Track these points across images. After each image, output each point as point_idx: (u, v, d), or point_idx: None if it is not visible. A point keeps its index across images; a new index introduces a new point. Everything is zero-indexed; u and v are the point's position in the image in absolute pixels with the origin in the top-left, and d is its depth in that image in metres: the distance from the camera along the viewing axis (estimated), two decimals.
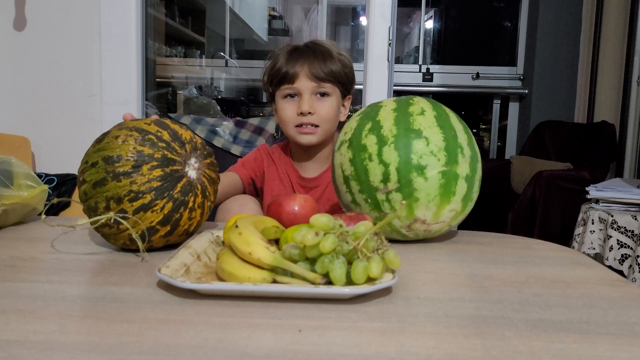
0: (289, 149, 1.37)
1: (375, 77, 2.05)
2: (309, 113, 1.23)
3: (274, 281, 0.63)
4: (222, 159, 2.55)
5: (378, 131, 0.87)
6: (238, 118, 2.71)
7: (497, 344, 0.50)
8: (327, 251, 0.60)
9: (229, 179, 1.28)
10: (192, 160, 0.82)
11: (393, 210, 0.85)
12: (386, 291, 0.64)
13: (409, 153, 0.84)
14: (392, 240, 0.91)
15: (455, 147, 0.87)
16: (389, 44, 2.04)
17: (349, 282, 0.61)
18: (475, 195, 0.90)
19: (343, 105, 1.31)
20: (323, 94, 1.25)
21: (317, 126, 1.24)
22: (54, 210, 1.77)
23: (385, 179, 0.85)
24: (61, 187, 1.90)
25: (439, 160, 0.85)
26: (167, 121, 0.84)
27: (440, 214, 0.86)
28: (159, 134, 0.80)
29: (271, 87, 1.29)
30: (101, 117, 2.10)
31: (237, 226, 0.67)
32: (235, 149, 2.52)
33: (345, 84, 1.29)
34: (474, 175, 0.89)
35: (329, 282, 0.61)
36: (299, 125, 1.25)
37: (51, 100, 2.12)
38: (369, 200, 0.87)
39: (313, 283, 0.61)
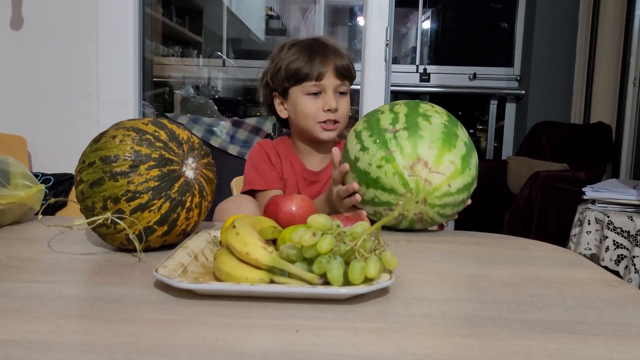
0: (290, 143, 1.37)
1: (373, 77, 2.05)
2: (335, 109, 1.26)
3: (272, 281, 0.63)
4: (219, 158, 2.55)
5: (392, 106, 1.00)
6: (235, 118, 2.71)
7: (494, 345, 0.50)
8: (325, 251, 0.60)
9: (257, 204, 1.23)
10: (190, 160, 0.82)
11: (399, 147, 0.90)
12: (383, 291, 0.64)
13: (417, 109, 0.97)
14: (387, 229, 0.92)
15: (456, 123, 0.98)
16: (386, 45, 2.04)
17: (346, 282, 0.61)
18: (474, 170, 0.95)
19: None
20: (342, 92, 1.28)
21: (337, 122, 1.27)
22: (50, 209, 1.77)
23: (394, 122, 0.95)
24: (58, 187, 1.89)
25: (442, 117, 0.97)
26: (165, 121, 0.84)
27: (441, 160, 0.89)
28: (156, 133, 0.80)
29: (287, 83, 1.28)
30: (98, 117, 2.10)
31: (234, 226, 0.67)
32: (233, 149, 2.53)
33: (352, 82, 1.32)
34: (471, 150, 0.97)
35: (326, 283, 0.61)
36: (322, 122, 1.26)
37: (48, 99, 2.12)
38: (377, 141, 0.93)
39: (310, 283, 0.61)
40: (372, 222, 0.68)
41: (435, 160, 0.89)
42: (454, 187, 0.91)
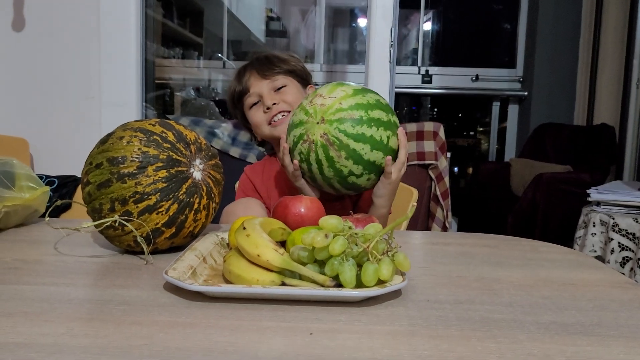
0: (275, 159, 1.35)
1: (377, 79, 2.04)
2: (274, 104, 1.25)
3: (283, 284, 0.62)
4: (221, 161, 2.54)
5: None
6: (236, 120, 2.69)
7: (511, 347, 0.49)
8: (337, 253, 0.60)
9: (254, 202, 1.23)
10: (197, 162, 0.81)
11: (307, 97, 1.04)
12: (396, 294, 0.63)
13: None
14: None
15: (376, 96, 1.04)
16: (391, 46, 2.03)
17: (359, 284, 0.60)
18: (379, 109, 1.01)
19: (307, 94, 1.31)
20: (280, 88, 1.27)
21: (288, 111, 1.26)
22: (55, 212, 1.76)
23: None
24: (62, 189, 1.89)
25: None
26: (172, 122, 0.83)
27: (334, 90, 1.02)
28: (163, 134, 0.79)
29: (237, 109, 1.33)
30: (100, 119, 2.09)
31: (244, 228, 0.66)
32: (234, 151, 2.51)
33: (298, 74, 1.31)
34: (379, 102, 1.03)
35: (339, 285, 0.60)
36: (270, 123, 1.26)
37: (50, 101, 2.11)
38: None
39: (322, 285, 0.60)
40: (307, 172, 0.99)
41: (328, 91, 1.02)
42: (346, 105, 0.99)
